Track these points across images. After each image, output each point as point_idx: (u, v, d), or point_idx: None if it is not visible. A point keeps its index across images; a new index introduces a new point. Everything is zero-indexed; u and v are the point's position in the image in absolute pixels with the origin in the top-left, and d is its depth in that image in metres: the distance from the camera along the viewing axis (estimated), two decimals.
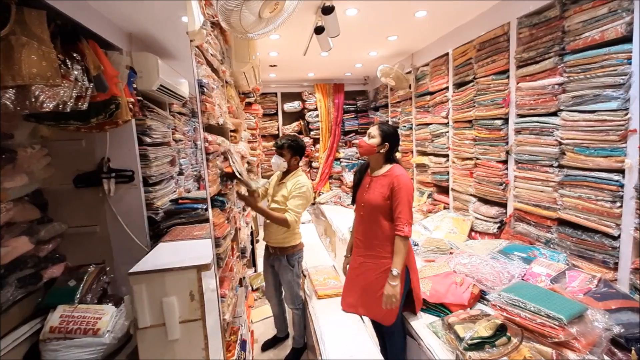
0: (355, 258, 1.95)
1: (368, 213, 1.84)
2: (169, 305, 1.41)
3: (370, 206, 1.82)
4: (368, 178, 1.89)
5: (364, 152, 1.87)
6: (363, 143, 1.85)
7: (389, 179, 1.77)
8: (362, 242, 1.90)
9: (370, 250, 1.85)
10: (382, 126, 1.85)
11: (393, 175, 1.78)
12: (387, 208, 1.76)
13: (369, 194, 1.83)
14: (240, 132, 2.62)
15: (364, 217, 1.87)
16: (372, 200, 1.80)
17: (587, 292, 1.60)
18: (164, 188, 2.09)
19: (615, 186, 1.72)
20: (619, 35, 1.68)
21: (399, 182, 1.74)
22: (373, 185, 1.83)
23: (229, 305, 1.66)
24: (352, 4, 2.45)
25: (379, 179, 1.82)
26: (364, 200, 1.86)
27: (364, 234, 1.88)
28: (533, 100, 2.22)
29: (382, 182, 1.79)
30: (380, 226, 1.79)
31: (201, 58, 1.46)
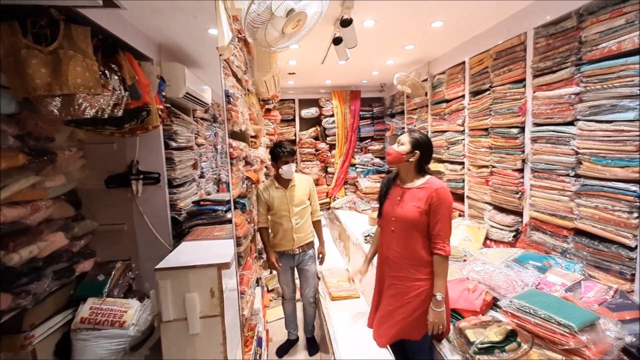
0: (383, 278, 1.78)
1: (401, 229, 1.66)
2: (191, 300, 1.49)
3: (404, 221, 1.64)
4: (398, 189, 1.72)
5: (392, 160, 1.72)
6: (391, 150, 1.70)
7: (427, 192, 1.61)
8: (392, 261, 1.71)
9: (402, 270, 1.67)
10: (413, 133, 1.70)
11: (432, 188, 1.61)
12: (424, 224, 1.60)
13: (402, 208, 1.65)
14: (260, 138, 2.72)
15: (396, 233, 1.68)
16: (407, 215, 1.63)
17: (603, 303, 1.59)
18: (187, 190, 2.20)
19: (633, 197, 1.71)
20: (636, 46, 1.68)
21: (439, 196, 1.57)
22: (406, 198, 1.66)
23: (248, 302, 1.73)
24: (370, 15, 2.52)
25: (413, 192, 1.65)
26: (395, 214, 1.68)
27: (395, 252, 1.69)
28: (549, 110, 2.22)
29: (418, 195, 1.62)
30: (415, 244, 1.62)
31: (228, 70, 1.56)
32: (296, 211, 2.44)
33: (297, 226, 2.44)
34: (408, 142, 1.67)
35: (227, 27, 1.22)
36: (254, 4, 1.20)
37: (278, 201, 2.43)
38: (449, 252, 1.57)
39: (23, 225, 1.25)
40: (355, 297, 2.52)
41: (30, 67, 1.07)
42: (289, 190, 2.45)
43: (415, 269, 1.63)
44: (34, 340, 1.28)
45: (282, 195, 2.45)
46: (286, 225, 2.44)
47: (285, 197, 2.44)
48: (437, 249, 1.57)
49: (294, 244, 2.46)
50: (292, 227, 2.43)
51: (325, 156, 5.78)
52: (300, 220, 2.47)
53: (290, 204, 2.44)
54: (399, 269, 1.68)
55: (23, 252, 1.21)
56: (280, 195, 2.45)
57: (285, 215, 2.44)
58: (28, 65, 1.07)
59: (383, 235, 1.80)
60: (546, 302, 1.45)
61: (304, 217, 2.49)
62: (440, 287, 1.56)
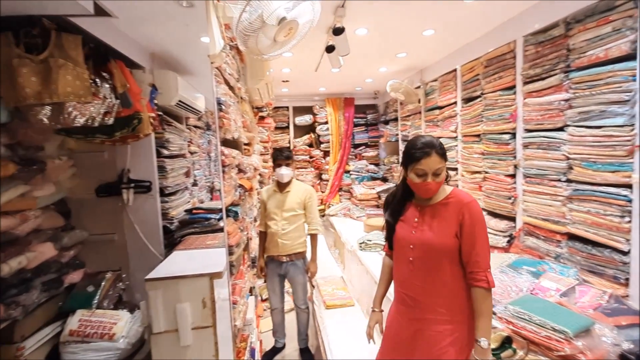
0: (403, 322, 1.41)
1: (424, 258, 1.32)
2: (182, 311, 1.46)
3: (428, 248, 1.31)
4: (414, 208, 1.38)
5: (434, 193, 1.32)
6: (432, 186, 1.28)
7: (456, 207, 1.28)
8: (415, 300, 1.35)
9: (429, 311, 1.32)
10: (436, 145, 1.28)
11: (461, 202, 1.29)
12: (456, 249, 1.28)
13: (423, 232, 1.32)
14: (253, 145, 2.72)
15: (416, 264, 1.33)
16: (433, 239, 1.29)
17: (598, 308, 1.59)
18: (179, 198, 2.18)
19: (624, 201, 1.73)
20: (623, 53, 1.72)
21: (472, 212, 1.26)
22: (428, 218, 1.32)
23: (240, 312, 1.70)
24: (362, 24, 2.55)
25: (436, 208, 1.32)
26: (414, 240, 1.33)
27: (417, 288, 1.34)
28: (540, 116, 2.25)
29: (444, 213, 1.30)
30: (445, 276, 1.29)
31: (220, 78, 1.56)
32: (285, 216, 2.46)
33: (283, 231, 2.45)
34: (441, 160, 1.28)
35: (218, 35, 1.23)
36: (246, 13, 1.20)
37: (271, 204, 2.50)
38: (493, 284, 1.24)
39: (12, 236, 1.24)
40: (350, 305, 2.50)
41: (21, 76, 1.07)
42: (283, 195, 2.49)
43: (447, 307, 1.30)
44: (25, 351, 1.25)
45: (276, 199, 2.50)
46: (274, 228, 2.47)
47: (278, 201, 2.49)
48: (478, 280, 1.24)
49: (279, 249, 2.46)
50: (278, 232, 2.45)
51: (319, 163, 5.79)
52: (288, 227, 2.47)
53: (280, 208, 2.46)
54: (424, 310, 1.33)
55: (12, 263, 1.19)
56: (275, 198, 2.51)
57: (274, 219, 2.48)
58: (19, 74, 1.07)
59: (398, 268, 1.43)
60: (541, 307, 1.44)
61: (292, 225, 2.49)
62: (485, 329, 1.22)
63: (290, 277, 2.56)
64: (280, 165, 2.45)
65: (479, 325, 1.24)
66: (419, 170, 1.27)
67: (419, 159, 1.27)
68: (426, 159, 1.26)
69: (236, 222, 1.77)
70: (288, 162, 2.46)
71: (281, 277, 2.57)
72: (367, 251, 3.10)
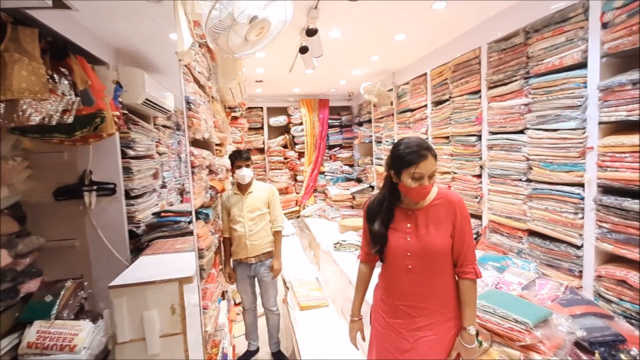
0: (401, 336, 1.34)
1: (426, 264, 1.29)
2: (150, 319, 1.41)
3: (431, 253, 1.28)
4: (404, 213, 1.33)
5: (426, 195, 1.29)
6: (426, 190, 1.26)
7: (447, 207, 1.29)
8: (417, 308, 1.32)
9: (433, 315, 1.31)
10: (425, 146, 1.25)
11: (451, 201, 1.30)
12: (451, 248, 1.30)
13: (422, 236, 1.28)
14: (225, 146, 2.66)
15: (418, 271, 1.29)
16: (436, 243, 1.27)
17: (555, 299, 1.69)
18: (146, 201, 2.10)
19: (577, 199, 1.86)
20: (576, 62, 1.85)
21: (462, 210, 1.29)
22: (421, 222, 1.30)
23: (211, 317, 1.66)
24: (335, 26, 2.57)
25: (428, 210, 1.30)
26: (412, 247, 1.29)
27: (418, 295, 1.31)
28: (503, 119, 2.38)
29: (437, 215, 1.29)
30: (446, 276, 1.32)
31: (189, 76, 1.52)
32: (251, 217, 2.45)
33: (250, 233, 2.44)
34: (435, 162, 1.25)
35: (187, 32, 1.19)
36: (215, 10, 1.18)
37: (234, 207, 2.48)
38: (480, 274, 1.31)
39: None
40: (324, 306, 2.50)
41: None
42: (245, 197, 2.48)
43: (447, 307, 1.32)
44: None
45: (239, 201, 2.48)
46: (240, 231, 2.45)
47: (241, 203, 2.47)
48: (467, 272, 1.29)
49: (248, 251, 2.45)
50: (245, 234, 2.44)
51: (294, 164, 5.77)
52: (255, 228, 2.47)
53: (245, 210, 2.45)
54: (428, 315, 1.31)
55: None
56: (237, 201, 2.49)
57: (239, 222, 2.46)
58: None
59: (392, 279, 1.36)
60: (504, 300, 1.52)
61: (259, 225, 2.49)
62: (472, 318, 1.29)
63: (259, 277, 2.54)
64: (240, 167, 2.44)
65: (467, 315, 1.31)
66: (417, 174, 1.22)
67: (416, 162, 1.21)
68: (424, 161, 1.21)
69: (207, 224, 1.73)
70: (248, 162, 2.47)
71: (251, 278, 2.56)
72: (342, 252, 3.13)
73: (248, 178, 2.46)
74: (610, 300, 1.70)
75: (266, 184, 2.67)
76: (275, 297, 2.61)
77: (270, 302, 2.57)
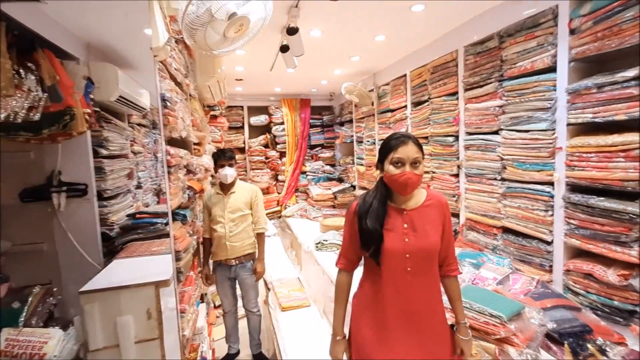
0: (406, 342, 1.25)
1: (422, 265, 1.26)
2: (124, 325, 1.36)
3: (427, 254, 1.26)
4: (399, 214, 1.27)
5: (415, 187, 1.25)
6: (411, 175, 1.20)
7: (438, 208, 1.28)
8: (417, 313, 1.26)
9: (434, 316, 1.29)
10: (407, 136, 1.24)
11: (441, 202, 1.30)
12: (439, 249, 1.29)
13: (419, 237, 1.24)
14: (204, 145, 2.60)
15: (415, 273, 1.24)
16: (432, 244, 1.25)
17: (527, 293, 1.76)
18: (120, 202, 2.02)
19: (547, 197, 1.94)
20: (546, 66, 1.93)
21: (448, 209, 1.31)
22: (420, 223, 1.26)
23: (189, 320, 1.62)
24: (316, 25, 2.57)
25: (423, 212, 1.27)
26: (410, 248, 1.23)
27: (419, 299, 1.26)
28: (478, 120, 2.45)
29: (430, 216, 1.27)
30: (436, 276, 1.31)
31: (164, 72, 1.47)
32: (232, 217, 2.41)
33: (230, 234, 2.40)
34: (418, 150, 1.23)
35: (162, 27, 1.16)
36: (192, 5, 1.15)
37: (215, 207, 2.43)
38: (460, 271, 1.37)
39: None
40: (306, 306, 2.50)
41: None
42: (227, 197, 2.44)
43: (440, 306, 1.31)
44: None
45: (220, 201, 2.43)
46: (220, 231, 2.40)
47: (223, 203, 2.43)
48: (454, 270, 1.33)
49: (228, 253, 2.40)
50: (225, 234, 2.39)
51: (275, 164, 5.73)
52: (235, 229, 2.43)
53: (227, 210, 2.41)
54: (428, 319, 1.27)
55: None
56: (218, 200, 2.44)
57: (220, 222, 2.41)
58: None
59: (390, 283, 1.26)
60: (480, 296, 1.57)
61: (240, 226, 2.45)
62: (463, 311, 1.34)
63: (240, 279, 2.50)
64: (223, 166, 2.39)
65: (459, 309, 1.33)
66: (396, 158, 1.20)
67: (396, 146, 1.21)
68: (403, 146, 1.20)
69: (185, 226, 1.69)
70: (231, 162, 2.43)
71: (231, 280, 2.51)
72: (324, 251, 3.13)
73: (231, 178, 2.41)
74: (578, 292, 1.79)
75: (249, 184, 2.63)
76: (256, 298, 2.58)
77: (251, 304, 2.54)
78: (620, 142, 1.54)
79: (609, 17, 1.58)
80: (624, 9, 1.52)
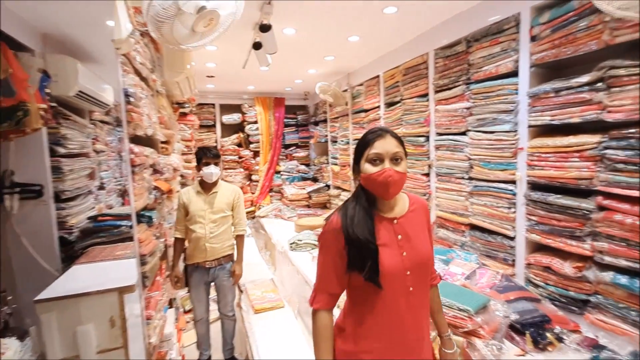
0: None
1: (420, 280, 1.10)
2: (85, 334, 1.29)
3: (424, 268, 1.11)
4: (389, 224, 1.09)
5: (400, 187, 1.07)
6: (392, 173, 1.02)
7: (422, 212, 1.16)
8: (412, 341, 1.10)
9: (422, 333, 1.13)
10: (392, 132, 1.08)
11: (423, 206, 1.18)
12: None
13: (415, 248, 1.08)
14: (172, 144, 2.50)
15: (415, 291, 1.08)
16: (427, 255, 1.12)
17: (493, 287, 1.85)
18: (81, 204, 1.90)
19: (510, 195, 2.04)
20: (509, 70, 2.03)
21: (429, 211, 1.19)
22: (411, 231, 1.10)
23: (156, 327, 1.55)
24: (290, 23, 2.55)
25: (411, 219, 1.12)
26: (409, 264, 1.06)
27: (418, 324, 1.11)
28: (448, 121, 2.54)
29: (418, 222, 1.13)
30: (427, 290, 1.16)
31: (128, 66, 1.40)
32: (213, 218, 2.33)
33: (211, 235, 2.32)
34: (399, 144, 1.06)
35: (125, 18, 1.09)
36: None
37: (195, 206, 2.32)
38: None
39: None
40: (279, 307, 2.47)
41: None
42: (210, 197, 2.34)
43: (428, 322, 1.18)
44: None
45: (201, 200, 2.34)
46: (199, 232, 2.31)
47: (204, 203, 2.33)
48: (434, 278, 1.20)
49: (207, 255, 2.32)
50: (206, 236, 2.31)
51: (249, 163, 5.64)
52: (216, 230, 2.35)
53: (208, 210, 2.33)
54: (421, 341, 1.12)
55: None
56: (199, 200, 2.34)
57: (199, 222, 2.32)
58: None
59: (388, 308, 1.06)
60: (449, 291, 1.62)
61: (221, 228, 2.38)
62: (446, 323, 1.22)
63: (218, 282, 2.42)
64: (208, 164, 2.31)
65: (442, 322, 1.23)
66: (373, 155, 1.03)
67: (372, 141, 1.04)
68: (380, 140, 1.03)
69: (151, 228, 1.61)
70: (217, 160, 2.34)
71: (207, 284, 2.43)
72: (298, 251, 3.12)
73: (215, 176, 2.33)
74: (538, 285, 1.89)
75: (232, 185, 2.54)
76: (233, 301, 2.52)
77: (227, 307, 2.47)
78: (575, 143, 1.65)
79: (565, 26, 1.69)
80: (578, 18, 1.63)
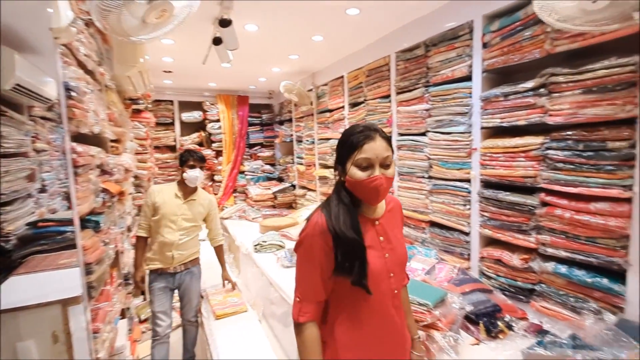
0: None
1: (399, 279, 1.10)
2: (25, 351, 1.17)
3: (403, 269, 1.13)
4: (371, 225, 1.06)
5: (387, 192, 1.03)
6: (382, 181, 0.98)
7: (397, 210, 1.15)
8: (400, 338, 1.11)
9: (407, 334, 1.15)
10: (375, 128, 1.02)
11: (398, 204, 1.17)
12: None
13: (395, 249, 1.07)
14: (123, 143, 2.34)
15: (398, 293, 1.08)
16: (405, 256, 1.11)
17: (450, 280, 1.94)
18: (18, 209, 1.70)
19: (465, 192, 2.16)
20: (464, 74, 2.14)
21: (402, 210, 1.17)
22: (391, 231, 1.08)
23: (105, 341, 1.44)
24: (251, 19, 2.49)
25: (389, 218, 1.10)
26: (391, 265, 1.05)
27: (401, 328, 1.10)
28: (409, 122, 2.63)
29: (395, 220, 1.12)
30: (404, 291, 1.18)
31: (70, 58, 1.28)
32: (184, 226, 2.23)
33: (180, 242, 2.21)
34: (388, 147, 1.01)
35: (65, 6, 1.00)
36: None
37: (168, 209, 2.19)
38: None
39: None
40: (242, 312, 2.41)
41: None
42: (187, 203, 2.23)
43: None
44: None
45: (176, 205, 2.22)
46: (167, 238, 2.18)
47: (179, 208, 2.21)
48: (406, 277, 1.18)
49: (173, 261, 2.21)
50: (175, 242, 2.19)
51: (211, 163, 5.44)
52: (186, 238, 2.26)
53: (181, 216, 2.21)
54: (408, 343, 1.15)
55: None
56: (175, 203, 2.22)
57: (170, 227, 2.19)
58: None
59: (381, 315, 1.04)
60: (410, 286, 1.66)
61: (190, 236, 2.29)
62: (415, 325, 1.21)
63: (185, 287, 2.30)
64: (193, 167, 2.21)
65: (412, 323, 1.20)
66: (362, 159, 0.96)
67: (360, 144, 0.96)
68: (370, 143, 0.96)
69: (98, 234, 1.49)
70: (202, 164, 2.24)
71: (172, 291, 2.30)
72: (263, 252, 3.06)
73: (199, 181, 2.22)
74: (490, 276, 2.02)
75: (208, 194, 2.44)
76: (197, 307, 2.40)
77: (191, 313, 2.36)
78: (522, 144, 1.78)
79: (513, 34, 1.81)
80: (523, 28, 1.75)
